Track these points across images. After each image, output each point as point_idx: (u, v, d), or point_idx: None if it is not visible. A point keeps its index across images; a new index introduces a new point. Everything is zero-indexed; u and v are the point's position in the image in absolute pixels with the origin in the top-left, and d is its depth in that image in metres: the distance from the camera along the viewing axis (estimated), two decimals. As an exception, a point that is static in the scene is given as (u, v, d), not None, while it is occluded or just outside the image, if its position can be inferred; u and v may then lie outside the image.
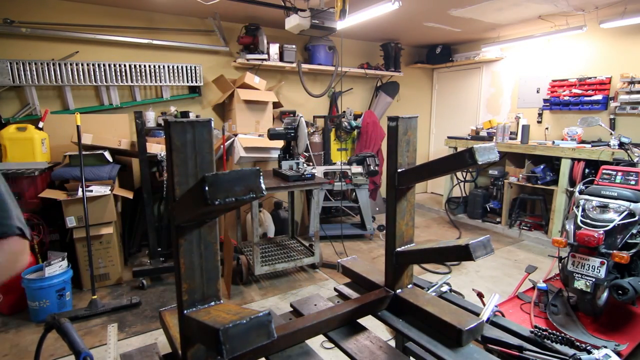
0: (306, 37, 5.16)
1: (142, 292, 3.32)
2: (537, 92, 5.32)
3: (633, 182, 2.75)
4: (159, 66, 4.33)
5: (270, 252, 3.83)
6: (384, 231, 1.27)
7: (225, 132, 4.20)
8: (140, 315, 2.94)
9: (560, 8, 4.13)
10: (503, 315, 1.26)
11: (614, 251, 2.36)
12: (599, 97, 4.59)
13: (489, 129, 5.48)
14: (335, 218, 5.42)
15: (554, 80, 5.07)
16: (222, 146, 3.89)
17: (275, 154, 4.23)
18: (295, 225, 4.41)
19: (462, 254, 0.98)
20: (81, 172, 3.04)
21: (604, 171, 2.94)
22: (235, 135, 4.33)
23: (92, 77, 4.00)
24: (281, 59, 4.93)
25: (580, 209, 2.67)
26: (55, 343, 2.53)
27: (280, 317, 1.28)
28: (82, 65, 3.94)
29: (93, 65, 3.99)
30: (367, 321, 1.17)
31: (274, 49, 4.82)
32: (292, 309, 1.32)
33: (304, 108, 5.47)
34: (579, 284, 2.42)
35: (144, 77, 4.27)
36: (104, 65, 4.03)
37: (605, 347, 1.09)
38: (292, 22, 3.60)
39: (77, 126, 3.05)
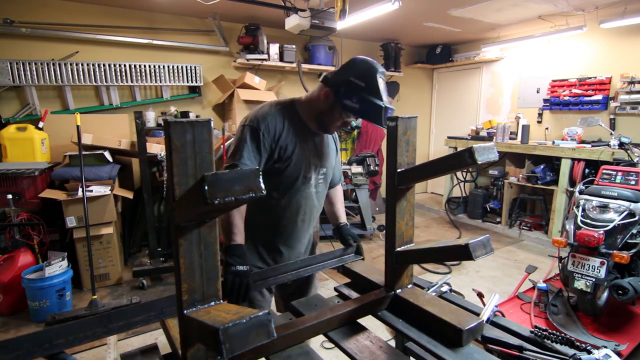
0: (306, 37, 5.16)
1: (142, 292, 3.32)
2: (537, 92, 5.32)
3: (633, 182, 2.75)
4: (159, 66, 4.33)
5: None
6: (384, 231, 1.27)
7: (225, 132, 4.20)
8: (140, 315, 2.94)
9: (560, 8, 4.13)
10: (503, 315, 1.26)
11: (614, 251, 2.37)
12: (599, 97, 4.59)
13: (489, 129, 5.48)
14: (335, 218, 5.41)
15: (554, 80, 5.07)
16: (222, 146, 3.89)
17: (275, 154, 4.22)
18: (295, 225, 4.40)
19: (462, 253, 0.98)
20: (81, 172, 3.04)
21: (604, 171, 2.94)
22: (235, 135, 4.32)
23: (92, 77, 4.00)
24: (281, 59, 4.93)
25: (580, 209, 2.67)
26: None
27: (280, 317, 1.28)
28: (82, 65, 3.94)
29: (93, 65, 3.99)
30: (367, 321, 1.17)
31: (274, 49, 4.82)
32: (292, 309, 1.32)
33: (304, 108, 5.46)
34: (579, 284, 2.42)
35: (144, 77, 4.27)
36: (104, 65, 4.03)
37: (605, 347, 1.09)
38: (292, 22, 3.60)
39: (77, 126, 3.05)
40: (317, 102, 1.44)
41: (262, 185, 0.64)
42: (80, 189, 3.10)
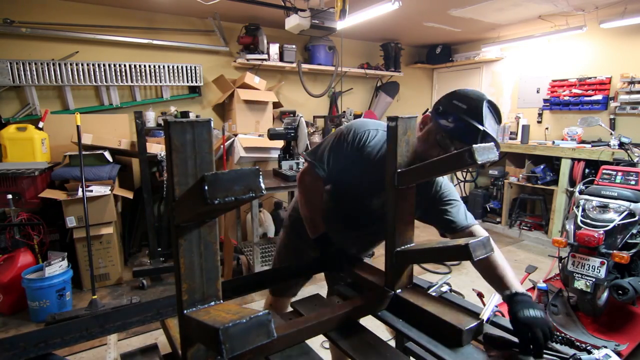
0: (306, 37, 5.16)
1: (142, 292, 3.32)
2: (537, 92, 5.32)
3: (633, 182, 2.75)
4: (159, 66, 4.33)
5: (270, 252, 3.83)
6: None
7: (225, 132, 4.20)
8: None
9: (560, 8, 4.13)
10: (503, 315, 1.26)
11: (614, 251, 2.37)
12: (599, 97, 4.58)
13: (489, 129, 5.47)
14: (335, 218, 5.41)
15: (554, 80, 5.07)
16: (222, 146, 3.89)
17: (275, 154, 4.23)
18: (295, 225, 4.40)
19: (462, 253, 0.98)
20: (81, 172, 3.04)
21: (604, 171, 2.94)
22: (235, 135, 4.33)
23: (92, 77, 4.00)
24: (281, 59, 4.93)
25: (580, 209, 2.67)
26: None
27: (280, 317, 1.28)
28: (82, 65, 3.94)
29: (93, 65, 3.99)
30: (367, 321, 1.17)
31: (274, 49, 4.82)
32: (292, 309, 1.32)
33: (304, 108, 5.47)
34: (579, 284, 2.42)
35: (144, 77, 4.27)
36: (104, 65, 4.03)
37: (605, 347, 1.09)
38: (292, 22, 3.60)
39: (77, 126, 3.05)
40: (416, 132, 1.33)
41: (262, 185, 0.64)
42: (80, 189, 3.10)
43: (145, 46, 4.35)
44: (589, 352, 1.05)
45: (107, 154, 3.57)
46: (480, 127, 1.16)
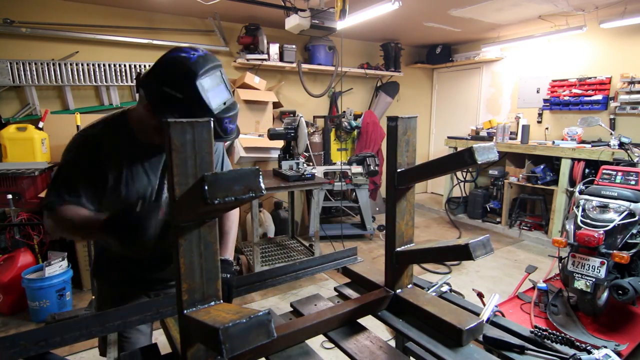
0: (306, 37, 5.16)
1: (142, 292, 3.32)
2: (537, 92, 5.32)
3: (633, 182, 2.75)
4: (159, 66, 4.33)
5: (270, 252, 3.83)
6: (384, 231, 1.27)
7: (225, 132, 4.19)
8: (140, 315, 2.94)
9: (560, 8, 4.13)
10: (503, 315, 1.26)
11: (614, 251, 2.37)
12: (599, 97, 4.59)
13: (489, 129, 5.48)
14: (335, 218, 5.42)
15: (554, 80, 5.07)
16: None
17: (275, 154, 4.23)
18: (295, 225, 4.41)
19: (462, 253, 0.97)
20: (81, 172, 3.03)
21: (604, 171, 2.94)
22: (235, 135, 4.32)
23: (92, 77, 4.00)
24: (281, 59, 4.93)
25: (580, 209, 2.67)
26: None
27: (280, 317, 1.28)
28: (82, 65, 3.93)
29: (93, 65, 3.99)
30: (367, 321, 1.17)
31: (274, 49, 4.82)
32: (292, 309, 1.32)
33: (304, 108, 5.47)
34: (579, 284, 2.42)
35: (144, 77, 4.27)
36: (104, 65, 4.03)
37: (605, 347, 1.09)
38: (292, 22, 3.60)
39: (77, 126, 3.05)
40: (146, 114, 1.16)
41: (262, 185, 0.64)
42: (80, 189, 3.09)
43: (145, 46, 4.35)
44: (589, 352, 1.05)
45: (107, 154, 3.56)
46: (212, 112, 1.06)
